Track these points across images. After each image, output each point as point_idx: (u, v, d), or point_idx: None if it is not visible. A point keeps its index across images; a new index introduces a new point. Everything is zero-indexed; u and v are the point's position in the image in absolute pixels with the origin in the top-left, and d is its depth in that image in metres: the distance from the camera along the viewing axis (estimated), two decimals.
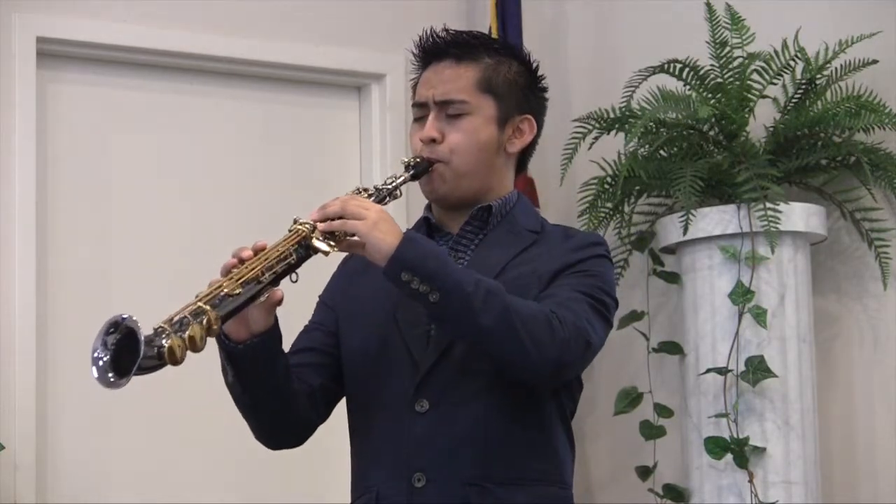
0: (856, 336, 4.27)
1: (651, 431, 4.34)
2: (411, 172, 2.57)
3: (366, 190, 2.55)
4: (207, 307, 2.32)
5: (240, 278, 2.37)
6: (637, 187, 4.37)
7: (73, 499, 4.25)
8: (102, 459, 4.33)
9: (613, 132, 4.38)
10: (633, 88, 4.34)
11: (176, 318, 2.29)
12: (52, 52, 4.36)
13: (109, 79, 4.47)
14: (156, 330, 2.27)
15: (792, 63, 4.21)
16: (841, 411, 4.26)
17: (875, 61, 4.17)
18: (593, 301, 2.55)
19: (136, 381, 4.50)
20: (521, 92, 2.68)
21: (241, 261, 2.40)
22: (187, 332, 2.27)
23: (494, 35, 4.61)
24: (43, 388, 4.23)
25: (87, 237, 4.38)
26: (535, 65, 2.72)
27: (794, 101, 4.24)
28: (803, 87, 4.22)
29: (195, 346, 2.27)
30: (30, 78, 4.28)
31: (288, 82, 4.70)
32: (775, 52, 4.20)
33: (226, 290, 2.35)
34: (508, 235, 2.58)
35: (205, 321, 2.30)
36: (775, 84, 4.25)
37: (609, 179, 4.37)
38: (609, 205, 4.38)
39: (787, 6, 4.34)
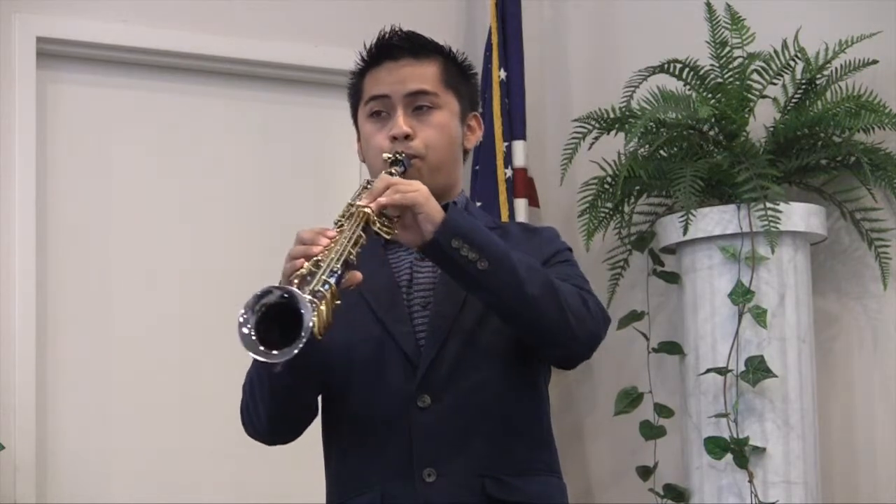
0: (856, 336, 4.27)
1: (651, 431, 4.34)
2: (402, 167, 2.53)
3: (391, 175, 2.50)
4: (332, 281, 2.24)
5: (339, 257, 2.30)
6: (637, 187, 4.37)
7: (73, 499, 4.25)
8: (102, 459, 4.33)
9: (613, 132, 4.38)
10: (633, 88, 4.34)
11: (310, 290, 2.21)
12: (52, 52, 4.35)
13: (109, 79, 4.47)
14: (311, 302, 2.16)
15: (792, 63, 4.21)
16: (841, 411, 4.26)
17: (875, 61, 4.17)
18: (587, 283, 2.58)
19: (134, 381, 4.52)
20: (470, 89, 2.68)
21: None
22: (322, 307, 2.21)
23: (494, 35, 4.62)
24: (43, 388, 4.23)
25: (87, 237, 4.38)
26: (466, 62, 2.69)
27: (794, 101, 4.24)
28: (803, 87, 4.22)
29: (325, 322, 2.21)
30: (30, 78, 4.27)
31: (288, 82, 4.70)
32: (775, 52, 4.20)
33: (334, 267, 2.27)
34: None
35: (330, 297, 2.23)
36: (775, 84, 4.25)
37: (609, 179, 4.37)
38: (609, 205, 4.39)
39: (787, 6, 4.34)
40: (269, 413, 2.51)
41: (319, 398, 2.60)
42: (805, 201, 4.19)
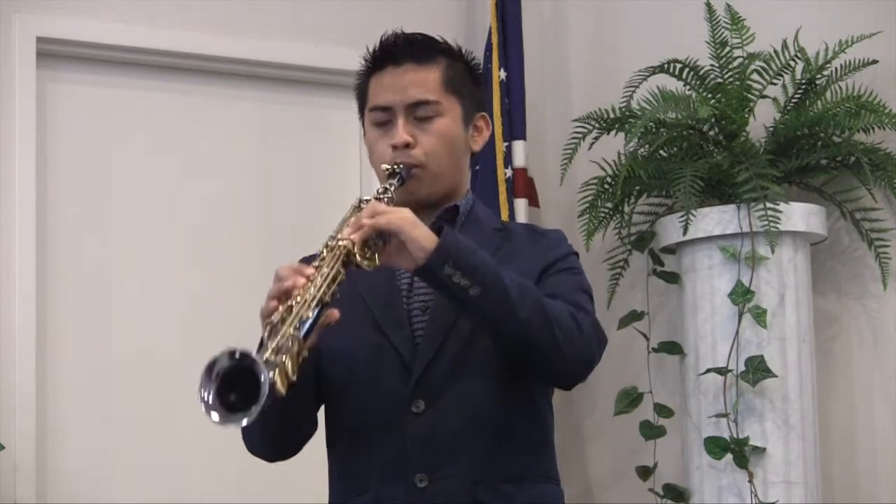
0: (856, 336, 4.27)
1: (651, 431, 4.34)
2: (399, 180, 2.53)
3: (385, 191, 2.50)
4: (299, 334, 2.25)
5: (312, 301, 2.29)
6: (637, 187, 4.37)
7: (73, 499, 4.25)
8: (102, 459, 4.33)
9: (613, 132, 4.38)
10: (633, 88, 4.34)
11: (273, 346, 2.22)
12: (52, 52, 4.36)
13: (109, 79, 4.47)
14: (267, 361, 2.19)
15: (792, 63, 4.21)
16: (841, 411, 4.26)
17: (875, 61, 4.17)
18: (588, 297, 2.57)
19: (134, 381, 4.52)
20: (476, 90, 2.67)
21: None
22: (286, 362, 2.22)
23: (494, 35, 4.62)
24: (43, 388, 4.23)
25: (87, 237, 4.38)
26: (474, 62, 2.69)
27: (794, 101, 4.24)
28: (803, 87, 4.22)
29: (289, 377, 2.22)
30: (30, 78, 4.28)
31: (288, 82, 4.70)
32: (775, 52, 4.20)
33: (304, 315, 2.27)
34: (479, 234, 2.54)
35: (296, 350, 2.24)
36: (775, 84, 4.25)
37: (609, 179, 4.37)
38: (609, 205, 4.39)
39: (787, 6, 4.34)
40: (264, 432, 2.52)
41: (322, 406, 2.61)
42: (805, 201, 4.20)
